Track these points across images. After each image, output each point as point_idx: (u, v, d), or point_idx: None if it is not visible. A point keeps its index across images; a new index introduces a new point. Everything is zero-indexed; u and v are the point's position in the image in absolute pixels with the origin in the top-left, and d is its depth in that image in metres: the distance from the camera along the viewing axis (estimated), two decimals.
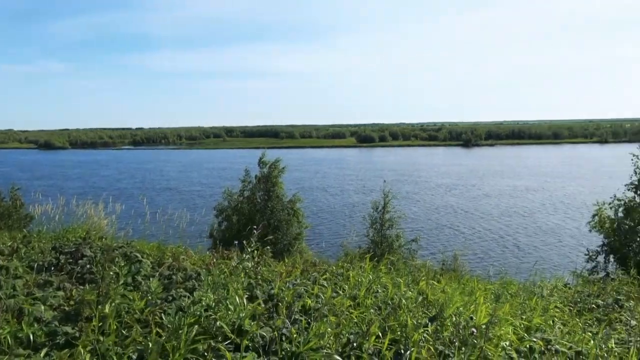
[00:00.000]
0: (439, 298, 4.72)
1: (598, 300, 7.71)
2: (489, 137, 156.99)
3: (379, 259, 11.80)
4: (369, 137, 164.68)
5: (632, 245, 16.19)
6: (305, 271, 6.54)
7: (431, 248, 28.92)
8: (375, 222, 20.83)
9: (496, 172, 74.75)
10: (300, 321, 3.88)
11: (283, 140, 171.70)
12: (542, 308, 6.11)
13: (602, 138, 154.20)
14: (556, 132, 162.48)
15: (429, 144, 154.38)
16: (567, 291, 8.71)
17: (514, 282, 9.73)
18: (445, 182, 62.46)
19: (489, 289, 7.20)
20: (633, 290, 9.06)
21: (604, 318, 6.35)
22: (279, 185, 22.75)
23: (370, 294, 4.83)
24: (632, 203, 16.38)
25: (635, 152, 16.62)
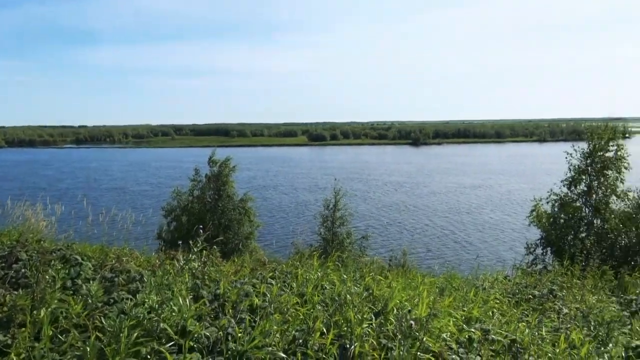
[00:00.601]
0: (384, 293, 4.82)
1: (535, 291, 8.11)
2: (437, 136, 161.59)
3: (335, 258, 11.90)
4: (321, 136, 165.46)
5: (567, 238, 17.12)
6: (254, 270, 6.50)
7: (381, 245, 29.46)
8: (326, 220, 20.99)
9: (443, 170, 77.05)
10: (247, 320, 3.86)
11: (234, 139, 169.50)
12: (482, 300, 6.37)
13: (541, 137, 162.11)
14: (499, 132, 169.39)
15: (379, 143, 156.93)
16: (507, 283, 9.09)
17: (457, 276, 10.05)
18: (394, 180, 63.75)
19: (433, 283, 7.42)
20: (566, 280, 9.60)
21: (539, 307, 6.68)
22: (230, 184, 22.47)
23: (318, 291, 4.87)
24: (567, 198, 17.31)
25: (569, 151, 17.57)
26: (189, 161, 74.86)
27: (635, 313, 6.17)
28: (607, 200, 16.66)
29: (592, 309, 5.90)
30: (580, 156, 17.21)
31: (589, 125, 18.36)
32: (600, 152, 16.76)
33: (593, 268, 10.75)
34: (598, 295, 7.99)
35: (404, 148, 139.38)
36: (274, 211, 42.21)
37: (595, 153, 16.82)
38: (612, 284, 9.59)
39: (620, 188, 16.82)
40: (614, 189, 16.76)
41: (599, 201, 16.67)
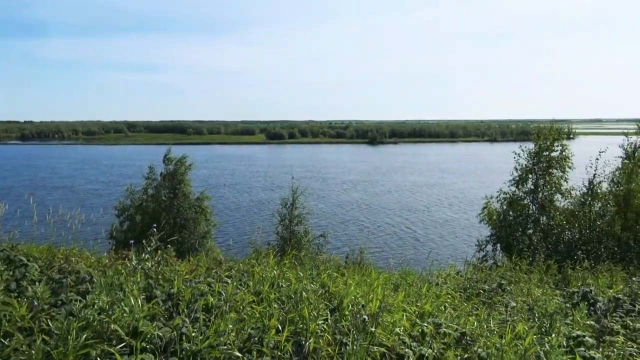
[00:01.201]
0: (340, 290, 4.88)
1: (485, 285, 8.40)
2: (393, 135, 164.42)
3: (293, 257, 11.89)
4: (279, 134, 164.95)
5: (515, 234, 17.82)
6: (210, 269, 6.43)
7: (339, 243, 29.70)
8: (284, 219, 20.95)
9: (399, 168, 78.48)
10: (201, 319, 3.82)
11: (190, 136, 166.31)
12: (435, 295, 6.56)
13: (492, 137, 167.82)
14: (452, 132, 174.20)
15: (336, 142, 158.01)
16: (459, 279, 9.37)
17: (412, 272, 10.27)
18: (351, 179, 64.38)
19: (388, 280, 7.56)
20: (514, 275, 10.01)
21: (488, 301, 6.94)
22: (186, 182, 22.09)
23: (274, 289, 4.87)
24: (515, 196, 18.01)
25: (517, 151, 18.28)
26: (142, 159, 72.92)
27: (577, 305, 6.51)
28: (552, 198, 17.45)
29: (537, 302, 6.18)
30: (527, 156, 17.94)
31: (535, 126, 19.15)
32: (546, 152, 17.52)
33: (539, 263, 11.26)
34: (543, 289, 8.37)
35: (361, 147, 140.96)
36: (231, 210, 41.77)
37: (541, 153, 17.57)
38: (556, 278, 10.05)
39: (565, 186, 17.65)
40: (558, 188, 17.57)
41: (544, 199, 17.43)
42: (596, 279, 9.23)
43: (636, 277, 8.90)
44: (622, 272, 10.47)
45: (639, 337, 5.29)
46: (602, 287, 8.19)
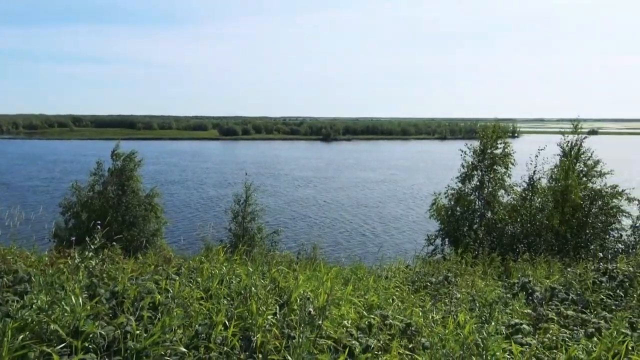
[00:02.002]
0: (290, 285, 4.92)
1: (432, 278, 8.68)
2: (347, 132, 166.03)
3: (244, 253, 11.81)
4: (232, 130, 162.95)
5: (462, 229, 18.48)
6: (158, 267, 6.31)
7: (292, 239, 29.73)
8: (237, 215, 20.79)
9: (351, 165, 79.37)
10: (146, 317, 3.76)
11: (140, 131, 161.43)
12: (383, 288, 6.72)
13: (442, 135, 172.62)
14: (404, 129, 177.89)
15: (290, 138, 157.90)
16: (408, 272, 9.62)
17: (363, 266, 10.46)
18: (305, 175, 64.56)
19: (339, 274, 7.68)
20: (460, 268, 10.38)
21: (434, 293, 7.18)
22: (135, 179, 21.51)
23: (224, 285, 4.85)
24: (462, 192, 18.66)
25: (463, 148, 18.94)
26: (89, 154, 70.16)
27: (516, 295, 6.83)
28: (496, 193, 18.21)
29: (480, 293, 6.46)
30: (473, 154, 18.62)
31: (481, 125, 19.91)
32: (490, 150, 18.25)
33: (483, 256, 11.75)
34: (486, 281, 8.74)
35: (315, 143, 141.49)
36: (183, 207, 40.95)
37: (486, 151, 18.29)
38: (499, 270, 10.51)
39: (508, 182, 18.46)
40: (502, 184, 18.36)
41: (489, 195, 18.16)
42: (535, 270, 9.71)
43: (571, 267, 9.43)
44: (559, 263, 11.07)
45: (571, 324, 5.63)
46: (540, 277, 8.63)
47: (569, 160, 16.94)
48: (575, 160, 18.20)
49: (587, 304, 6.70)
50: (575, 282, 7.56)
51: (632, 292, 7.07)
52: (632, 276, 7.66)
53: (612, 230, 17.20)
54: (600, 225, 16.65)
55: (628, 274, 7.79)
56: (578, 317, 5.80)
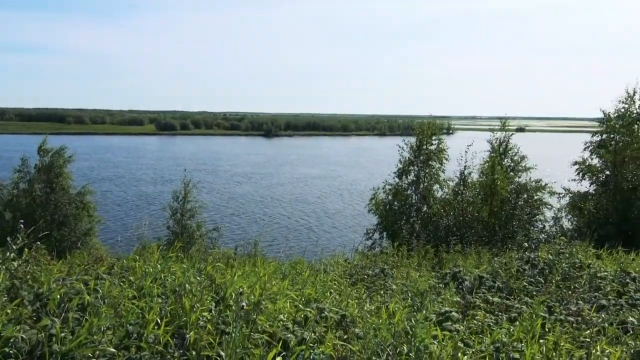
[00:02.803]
0: (226, 281, 4.89)
1: (369, 271, 8.90)
2: (288, 128, 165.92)
3: (180, 250, 11.55)
4: (170, 125, 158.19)
5: (400, 223, 19.04)
6: (89, 267, 6.06)
7: (233, 236, 29.39)
8: (175, 213, 20.29)
9: (292, 161, 79.46)
10: (76, 319, 3.62)
11: (70, 126, 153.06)
12: (322, 282, 6.83)
13: (381, 131, 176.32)
14: (345, 125, 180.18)
15: (231, 133, 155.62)
16: (347, 266, 9.81)
17: (303, 261, 10.55)
18: (245, 171, 63.96)
19: (278, 269, 7.71)
20: (397, 260, 10.72)
21: (370, 285, 7.38)
22: (65, 176, 20.54)
23: (157, 283, 4.74)
24: (399, 187, 19.23)
25: (400, 144, 19.51)
26: (12, 150, 65.68)
27: (447, 284, 7.17)
28: (431, 188, 18.91)
29: (412, 284, 6.71)
30: (410, 149, 19.22)
31: (418, 122, 20.55)
32: (425, 146, 18.92)
33: (418, 248, 12.18)
34: (420, 272, 9.08)
35: (256, 139, 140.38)
36: (118, 205, 39.36)
37: (421, 147, 18.94)
38: (432, 261, 10.94)
39: (442, 177, 19.21)
40: (436, 178, 19.09)
41: (424, 189, 18.83)
42: (465, 260, 10.20)
43: (498, 257, 9.99)
44: (488, 253, 11.68)
45: (496, 310, 5.97)
46: (470, 267, 9.07)
47: (496, 156, 17.88)
48: (503, 156, 19.24)
49: (511, 290, 7.13)
50: (501, 270, 8.02)
51: (551, 278, 7.61)
52: (552, 264, 8.23)
53: (536, 222, 18.37)
54: (525, 217, 17.72)
55: (548, 261, 8.36)
56: (503, 303, 6.16)
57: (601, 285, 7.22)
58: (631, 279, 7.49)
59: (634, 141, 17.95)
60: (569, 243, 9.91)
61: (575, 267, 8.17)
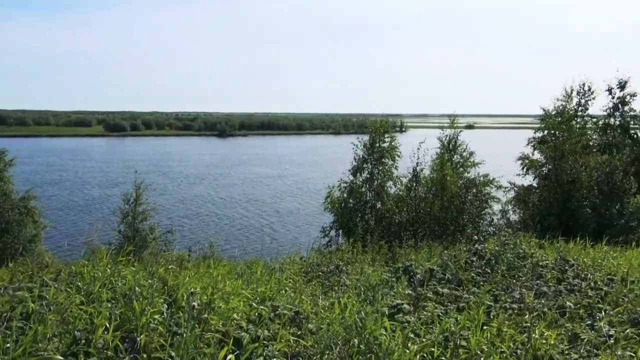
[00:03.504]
0: (179, 283, 4.85)
1: (324, 268, 9.01)
2: (242, 128, 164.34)
3: (132, 254, 11.25)
4: (119, 126, 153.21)
5: (355, 220, 19.30)
6: (34, 274, 5.84)
7: (188, 238, 28.87)
8: (127, 216, 19.75)
9: (247, 161, 78.84)
10: (20, 328, 3.50)
11: (11, 128, 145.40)
12: (277, 280, 6.87)
13: (336, 130, 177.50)
14: (300, 124, 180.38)
15: (184, 134, 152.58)
16: (302, 263, 9.89)
17: (259, 260, 10.53)
18: (199, 172, 62.93)
19: (233, 270, 7.68)
20: (351, 256, 10.89)
21: (325, 282, 7.49)
22: (6, 180, 19.70)
23: (107, 288, 4.65)
24: (353, 185, 19.47)
25: (355, 142, 19.76)
26: None
27: (399, 278, 7.37)
28: (384, 185, 19.27)
29: (364, 278, 6.85)
30: (363, 147, 19.50)
31: (371, 120, 20.88)
32: (378, 144, 19.25)
33: (373, 244, 12.42)
34: (374, 267, 9.28)
35: (210, 139, 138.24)
36: (65, 210, 37.84)
37: (375, 144, 19.26)
38: (386, 257, 11.18)
39: (395, 174, 19.60)
40: (390, 175, 19.46)
41: (378, 186, 19.16)
42: (417, 254, 10.50)
43: (449, 250, 10.34)
44: (439, 247, 12.06)
45: (445, 301, 6.20)
46: (421, 261, 9.35)
47: (445, 152, 18.44)
48: (453, 152, 19.86)
49: (460, 281, 7.41)
50: (450, 263, 8.31)
51: (497, 268, 7.96)
52: (497, 254, 8.61)
53: (485, 215, 19.09)
54: (474, 210, 18.37)
55: (494, 252, 8.73)
56: (451, 294, 6.40)
57: (542, 273, 7.63)
58: (569, 266, 7.94)
59: (571, 136, 18.99)
60: (514, 234, 10.40)
61: (519, 257, 8.58)
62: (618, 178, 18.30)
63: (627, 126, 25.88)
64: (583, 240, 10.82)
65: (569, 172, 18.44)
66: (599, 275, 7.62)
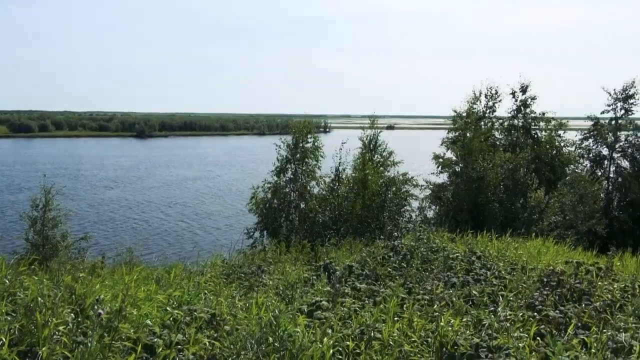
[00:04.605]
0: (87, 291, 4.63)
1: (246, 269, 8.98)
2: (163, 128, 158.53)
3: (38, 262, 10.49)
4: (26, 126, 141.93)
5: (279, 220, 19.34)
6: None
7: (104, 244, 27.37)
8: (35, 223, 18.37)
9: (167, 162, 76.24)
10: None
11: None
12: (196, 283, 6.75)
13: (261, 130, 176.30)
14: (223, 125, 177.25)
15: (99, 135, 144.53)
16: (225, 266, 9.77)
17: (178, 265, 10.27)
18: (115, 175, 59.96)
19: (149, 275, 7.44)
20: (275, 257, 10.93)
21: (245, 283, 7.47)
22: None
23: (6, 300, 4.34)
24: (277, 185, 19.50)
25: (278, 143, 19.79)
26: None
27: (319, 276, 7.51)
28: (308, 185, 19.48)
29: (283, 277, 6.92)
30: (286, 148, 19.59)
31: (296, 121, 20.98)
32: (301, 144, 19.43)
33: (296, 244, 12.54)
34: (297, 266, 9.38)
35: (127, 140, 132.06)
36: None
37: (298, 145, 19.42)
38: (309, 255, 11.34)
39: (318, 174, 19.88)
40: (313, 176, 19.70)
41: (302, 186, 19.34)
42: (339, 252, 10.75)
43: (368, 247, 10.69)
44: (360, 244, 12.42)
45: (363, 296, 6.42)
46: (342, 258, 9.59)
47: (367, 152, 19.00)
48: (374, 152, 20.50)
49: (377, 276, 7.70)
50: (369, 259, 8.61)
51: (412, 262, 8.36)
52: (413, 249, 9.05)
53: (404, 212, 19.89)
54: (394, 208, 19.09)
55: (410, 248, 9.17)
56: (369, 289, 6.64)
57: (453, 265, 8.13)
58: (477, 258, 8.52)
59: (478, 136, 20.33)
60: (428, 230, 10.96)
61: (432, 251, 9.07)
62: (521, 175, 19.86)
63: (529, 127, 28.20)
64: (490, 233, 11.63)
65: (477, 170, 19.72)
66: (503, 265, 8.25)
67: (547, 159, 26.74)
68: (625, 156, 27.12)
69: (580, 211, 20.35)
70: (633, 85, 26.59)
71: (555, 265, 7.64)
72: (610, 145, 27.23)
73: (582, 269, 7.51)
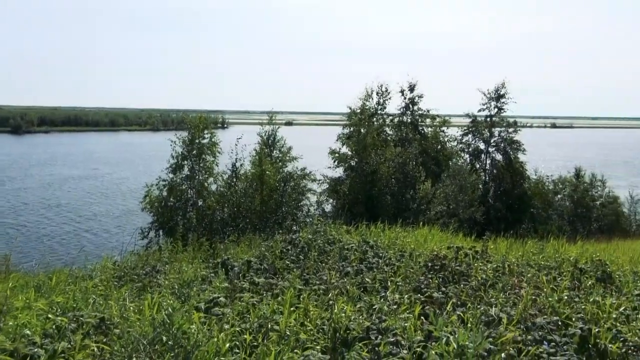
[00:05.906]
0: None
1: (140, 270, 8.61)
2: (43, 123, 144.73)
3: None
4: None
5: (176, 219, 18.69)
6: None
7: None
8: None
9: (46, 161, 69.92)
10: None
11: None
12: (84, 288, 6.36)
13: (154, 126, 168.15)
14: (113, 120, 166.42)
15: None
16: (116, 268, 9.28)
17: (63, 270, 9.59)
18: None
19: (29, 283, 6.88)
20: (171, 256, 10.58)
21: (138, 284, 7.19)
22: None
23: None
24: (173, 183, 18.82)
25: (172, 139, 19.10)
26: None
27: (217, 273, 7.44)
28: (205, 182, 19.05)
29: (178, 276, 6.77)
30: (182, 144, 18.98)
31: (192, 116, 20.37)
32: (198, 140, 18.94)
33: (193, 242, 12.22)
34: (194, 264, 9.18)
35: (1, 137, 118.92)
36: None
37: (194, 141, 18.90)
38: (207, 253, 11.14)
39: (216, 170, 19.51)
40: (211, 172, 19.30)
41: (199, 183, 18.87)
42: (238, 248, 10.70)
43: (267, 242, 10.76)
44: (260, 239, 12.45)
45: (262, 290, 6.49)
46: (241, 254, 9.57)
47: (265, 148, 19.04)
48: (272, 148, 20.59)
49: (276, 270, 7.82)
50: (267, 253, 8.69)
51: (309, 254, 8.59)
52: (310, 242, 9.30)
53: (303, 207, 20.25)
54: (293, 203, 19.35)
55: (307, 241, 9.41)
56: (267, 283, 6.73)
57: (348, 255, 8.50)
58: (370, 247, 8.99)
59: (372, 132, 21.34)
60: (325, 223, 11.30)
61: (329, 243, 9.40)
62: (410, 168, 21.20)
63: (417, 123, 30.18)
64: (383, 224, 12.30)
65: (371, 164, 20.69)
66: (393, 252, 8.79)
67: (433, 153, 28.82)
68: (499, 150, 30.18)
69: (461, 200, 22.23)
70: (504, 85, 29.69)
71: (439, 250, 8.31)
72: (486, 140, 30.09)
73: (461, 252, 8.26)
